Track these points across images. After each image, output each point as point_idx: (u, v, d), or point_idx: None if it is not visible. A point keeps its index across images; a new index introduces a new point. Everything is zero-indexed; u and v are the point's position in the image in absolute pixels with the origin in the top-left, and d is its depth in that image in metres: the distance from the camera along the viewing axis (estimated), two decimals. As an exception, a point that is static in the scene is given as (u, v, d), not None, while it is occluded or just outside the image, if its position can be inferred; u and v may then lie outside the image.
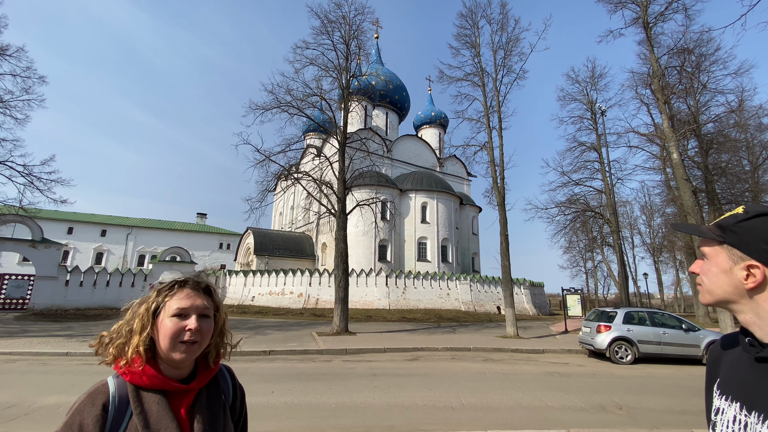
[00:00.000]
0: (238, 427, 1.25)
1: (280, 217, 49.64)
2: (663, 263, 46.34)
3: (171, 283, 1.12)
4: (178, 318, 1.06)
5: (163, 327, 1.06)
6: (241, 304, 26.76)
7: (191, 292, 1.11)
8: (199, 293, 1.12)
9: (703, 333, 10.96)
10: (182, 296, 1.09)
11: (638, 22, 17.75)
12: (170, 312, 1.06)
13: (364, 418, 5.57)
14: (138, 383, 1.03)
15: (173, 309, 1.06)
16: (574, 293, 20.61)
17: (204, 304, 1.11)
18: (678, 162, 16.80)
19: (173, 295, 1.09)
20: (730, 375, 0.89)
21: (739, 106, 21.96)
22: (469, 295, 27.90)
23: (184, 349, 1.05)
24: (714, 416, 0.89)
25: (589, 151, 25.69)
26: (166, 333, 1.05)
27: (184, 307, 1.07)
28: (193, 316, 1.08)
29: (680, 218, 23.14)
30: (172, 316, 1.06)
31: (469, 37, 19.55)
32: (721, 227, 0.88)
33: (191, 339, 1.05)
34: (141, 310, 1.08)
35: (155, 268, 25.87)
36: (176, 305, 1.07)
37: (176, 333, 1.05)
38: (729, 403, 0.85)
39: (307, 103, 18.09)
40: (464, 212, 39.86)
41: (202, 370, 1.14)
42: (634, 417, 5.86)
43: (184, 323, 1.06)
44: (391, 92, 41.64)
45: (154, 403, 1.02)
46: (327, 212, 17.91)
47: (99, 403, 0.99)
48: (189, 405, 1.08)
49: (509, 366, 10.09)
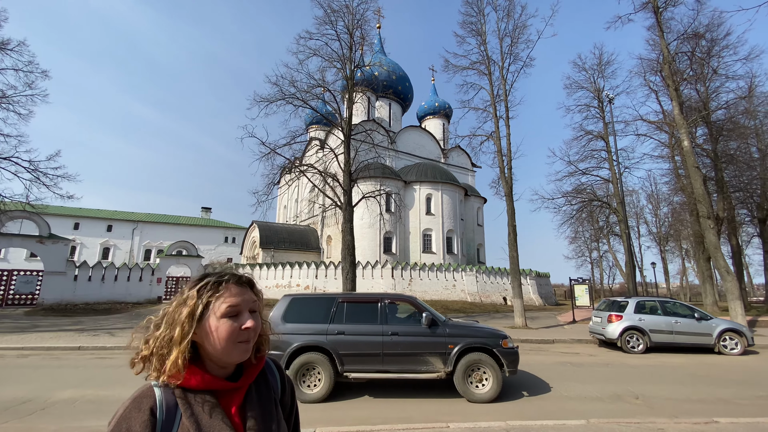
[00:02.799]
0: (290, 422, 1.18)
1: (284, 210, 49.68)
2: (669, 252, 46.11)
3: (213, 280, 1.02)
4: (231, 318, 0.98)
5: (218, 330, 0.97)
6: (247, 297, 26.82)
7: (238, 287, 1.02)
8: (244, 286, 1.04)
9: (715, 322, 10.88)
10: (229, 293, 1.00)
11: (648, 6, 17.34)
12: (221, 312, 0.97)
13: (380, 411, 5.56)
14: (185, 385, 0.96)
15: (224, 309, 0.97)
16: (582, 283, 20.55)
17: (254, 299, 1.04)
18: (689, 150, 16.54)
19: (219, 294, 1.00)
20: None
21: (749, 92, 21.53)
22: (475, 286, 27.89)
23: (243, 349, 0.98)
24: None
25: (596, 140, 25.31)
26: (222, 336, 0.96)
27: (236, 304, 0.99)
28: (247, 312, 1.00)
29: (690, 207, 22.91)
30: (224, 317, 0.97)
31: (474, 25, 19.24)
32: None
33: (247, 338, 0.99)
34: (183, 316, 0.96)
35: (162, 263, 25.99)
36: (227, 303, 0.98)
37: (233, 334, 0.97)
38: None
39: (311, 95, 17.93)
40: (469, 203, 39.67)
41: (248, 366, 1.07)
42: (652, 406, 5.82)
43: (239, 322, 0.98)
44: (394, 83, 41.20)
45: (204, 404, 0.95)
46: (333, 205, 17.86)
47: (146, 408, 0.91)
48: (239, 403, 1.01)
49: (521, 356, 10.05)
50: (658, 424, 4.71)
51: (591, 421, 4.87)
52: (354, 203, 17.20)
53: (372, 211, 25.54)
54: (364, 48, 19.80)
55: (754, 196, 24.21)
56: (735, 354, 10.33)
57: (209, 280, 1.02)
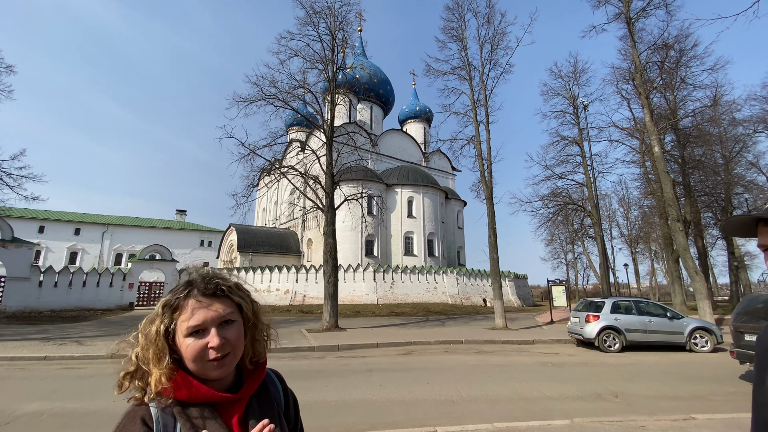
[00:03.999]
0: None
1: (263, 213, 48.82)
2: (639, 254, 48.06)
3: (173, 296, 0.92)
4: (196, 336, 0.89)
5: (183, 349, 0.89)
6: (225, 302, 26.14)
7: (200, 301, 0.91)
8: (213, 298, 0.93)
9: (686, 320, 11.33)
10: (189, 311, 0.90)
11: (621, 17, 18.07)
12: (183, 332, 0.89)
13: (366, 416, 5.46)
14: (181, 399, 0.87)
15: (185, 329, 0.89)
16: (559, 285, 21.05)
17: (220, 313, 0.91)
18: (659, 155, 17.26)
19: (180, 311, 0.90)
20: None
21: (714, 101, 22.72)
22: (455, 288, 28.14)
23: (215, 366, 0.89)
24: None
25: (571, 145, 26.11)
26: (188, 356, 0.88)
27: (196, 324, 0.89)
28: (213, 330, 0.89)
29: (659, 210, 23.88)
30: (188, 336, 0.89)
31: (455, 31, 19.51)
32: None
33: (218, 356, 0.89)
34: (152, 333, 0.89)
35: (134, 267, 25.01)
36: (185, 325, 0.89)
37: (199, 354, 0.88)
38: None
39: (292, 96, 17.68)
40: (449, 206, 40.10)
41: (248, 375, 0.99)
42: (631, 404, 5.96)
43: (203, 341, 0.88)
44: (375, 86, 41.31)
45: (203, 417, 0.87)
46: (314, 207, 17.63)
47: (139, 420, 0.83)
48: (240, 416, 0.93)
49: (502, 357, 10.18)
50: (639, 422, 4.81)
51: (575, 420, 4.93)
52: (336, 206, 17.04)
53: (354, 214, 25.40)
54: (346, 50, 19.73)
55: (719, 200, 25.53)
56: (705, 352, 10.79)
57: (169, 299, 0.93)
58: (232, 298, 0.96)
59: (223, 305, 0.93)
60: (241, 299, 0.98)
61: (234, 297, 0.97)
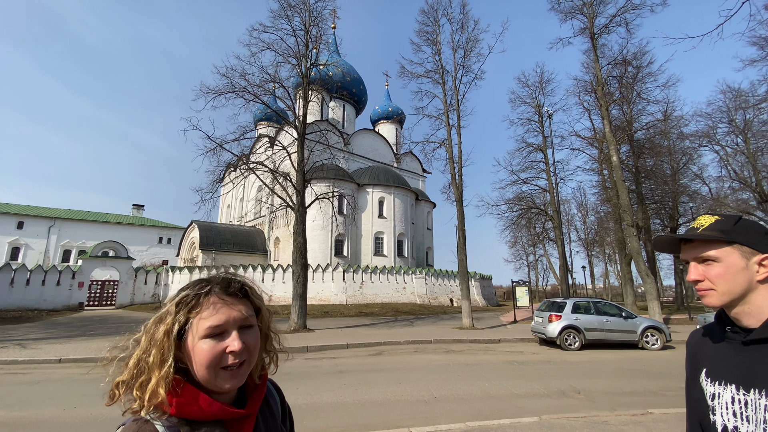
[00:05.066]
0: None
1: (228, 210, 47.15)
2: (594, 257, 51.01)
3: (193, 292, 0.83)
4: (214, 339, 0.79)
5: (197, 353, 0.78)
6: (186, 302, 25.00)
7: (223, 300, 0.82)
8: (235, 298, 0.84)
9: (639, 320, 12.08)
10: (212, 309, 0.80)
11: (585, 32, 19.05)
12: (201, 333, 0.79)
13: (338, 418, 5.36)
14: (191, 416, 0.76)
15: (204, 329, 0.79)
16: (523, 285, 21.82)
17: (243, 314, 0.83)
18: (617, 164, 18.33)
19: (200, 309, 0.81)
20: (718, 362, 0.99)
21: (665, 116, 24.47)
22: (424, 289, 28.48)
23: (230, 376, 0.79)
24: (711, 401, 0.97)
25: (536, 152, 27.19)
26: (202, 361, 0.78)
27: (218, 324, 0.79)
28: (234, 332, 0.80)
29: (614, 216, 25.38)
30: (205, 338, 0.79)
31: (430, 34, 19.74)
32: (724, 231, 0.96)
33: (236, 362, 0.79)
34: (159, 334, 0.79)
35: (85, 265, 23.32)
36: (207, 323, 0.79)
37: (216, 359, 0.78)
38: (723, 387, 0.94)
39: (263, 90, 17.19)
40: (419, 207, 40.56)
41: (251, 389, 0.90)
42: (593, 400, 6.25)
43: (223, 344, 0.79)
44: (348, 85, 41.04)
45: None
46: (284, 205, 17.23)
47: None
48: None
49: (470, 356, 10.38)
50: (602, 417, 5.04)
51: (543, 417, 5.08)
52: (307, 204, 16.72)
53: (325, 213, 25.09)
54: (320, 47, 19.46)
55: (667, 208, 27.51)
56: (655, 349, 11.55)
57: (188, 294, 0.82)
58: (254, 301, 0.88)
59: (245, 306, 0.84)
60: (260, 303, 0.89)
61: (255, 300, 0.88)
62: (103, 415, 5.32)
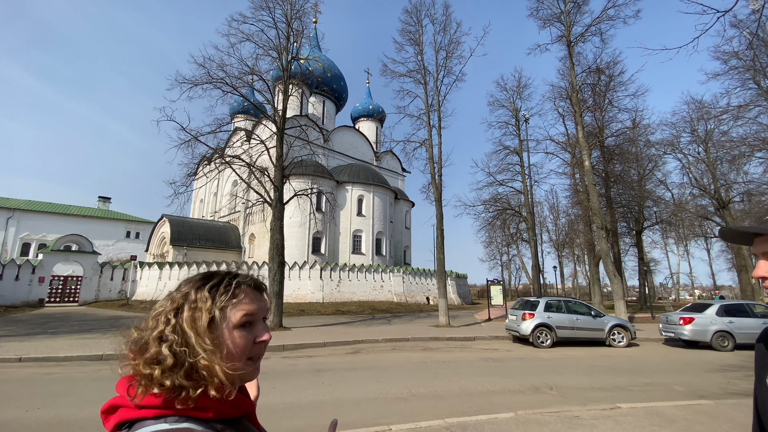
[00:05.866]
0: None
1: (201, 204, 45.72)
2: (565, 257, 52.87)
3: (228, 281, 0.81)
4: (244, 329, 0.79)
5: (230, 343, 0.77)
6: (155, 299, 24.08)
7: (252, 292, 0.83)
8: (259, 293, 0.85)
9: (607, 318, 12.62)
10: (248, 299, 0.81)
11: (562, 40, 19.65)
12: (236, 321, 0.78)
13: (317, 417, 5.32)
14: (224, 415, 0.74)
15: (239, 317, 0.78)
16: (497, 284, 22.32)
17: (267, 306, 0.86)
18: (589, 169, 19.04)
19: (235, 299, 0.80)
20: None
21: (634, 124, 25.63)
22: (401, 287, 28.65)
23: (253, 368, 0.81)
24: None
25: (512, 154, 27.90)
26: (235, 351, 0.77)
27: (253, 312, 0.80)
28: (261, 324, 0.82)
29: (585, 218, 26.35)
30: (237, 328, 0.78)
31: (413, 34, 19.81)
32: None
33: (260, 354, 0.82)
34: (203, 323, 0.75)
35: (46, 259, 22.06)
36: (243, 311, 0.79)
37: (246, 349, 0.78)
38: None
39: (242, 82, 16.76)
40: (398, 206, 40.71)
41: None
42: (565, 395, 6.48)
43: (252, 335, 0.80)
44: (329, 80, 40.62)
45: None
46: (260, 201, 16.86)
47: None
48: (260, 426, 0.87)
49: (447, 354, 10.54)
50: (574, 412, 5.24)
51: (518, 413, 5.22)
52: (286, 200, 16.46)
53: (303, 210, 24.77)
54: (301, 41, 19.14)
55: (633, 212, 28.83)
56: (621, 346, 12.09)
57: (223, 281, 0.81)
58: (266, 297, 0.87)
59: (266, 302, 0.86)
60: (269, 300, 0.89)
61: (267, 296, 0.88)
62: (69, 417, 5.06)
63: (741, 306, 12.32)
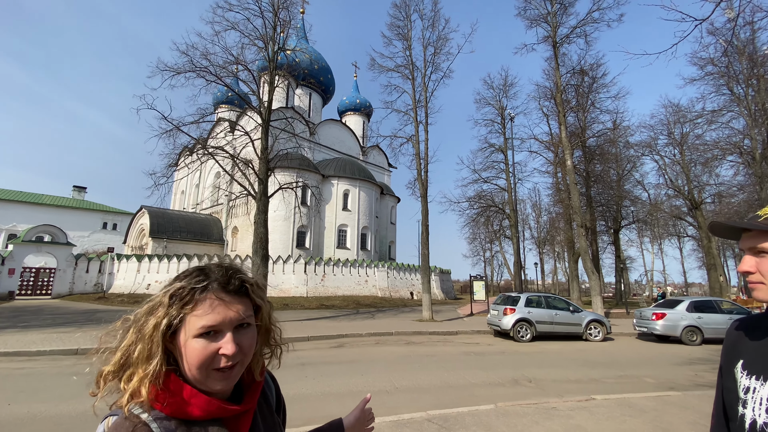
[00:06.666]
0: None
1: (182, 196, 44.72)
2: (545, 254, 54.09)
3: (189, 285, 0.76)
4: (207, 338, 0.74)
5: (188, 352, 0.73)
6: (133, 293, 23.52)
7: (220, 298, 0.76)
8: (233, 296, 0.78)
9: (584, 314, 13.01)
10: (207, 307, 0.74)
11: (548, 40, 19.94)
12: (193, 331, 0.73)
13: (300, 411, 5.32)
14: (188, 416, 0.72)
15: (197, 328, 0.73)
16: (480, 280, 22.66)
17: (240, 315, 0.77)
18: (570, 168, 19.47)
19: (194, 305, 0.75)
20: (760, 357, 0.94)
21: (614, 125, 26.29)
22: (386, 282, 28.79)
23: (222, 377, 0.75)
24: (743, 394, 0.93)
25: (497, 152, 28.19)
26: (193, 361, 0.73)
27: (213, 324, 0.74)
28: (228, 333, 0.75)
29: (565, 216, 26.98)
30: (198, 337, 0.73)
31: (401, 29, 19.77)
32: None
33: (228, 364, 0.75)
34: (148, 327, 0.73)
35: (16, 250, 21.21)
36: (201, 323, 0.73)
37: (207, 360, 0.73)
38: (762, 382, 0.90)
39: (226, 71, 16.41)
40: (384, 202, 40.77)
41: (249, 383, 0.85)
42: (542, 388, 6.68)
43: (216, 345, 0.74)
44: (316, 73, 40.13)
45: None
46: (244, 193, 16.62)
47: None
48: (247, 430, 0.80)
49: (430, 348, 10.68)
50: (551, 403, 5.41)
51: (499, 405, 5.36)
52: (270, 194, 16.26)
53: (288, 204, 24.56)
54: (288, 31, 18.83)
55: (611, 211, 29.66)
56: (597, 340, 12.51)
57: (183, 286, 0.76)
58: (253, 299, 0.82)
59: (243, 306, 0.78)
60: (261, 300, 0.83)
61: (255, 297, 0.82)
62: (43, 412, 4.92)
63: (710, 302, 12.89)
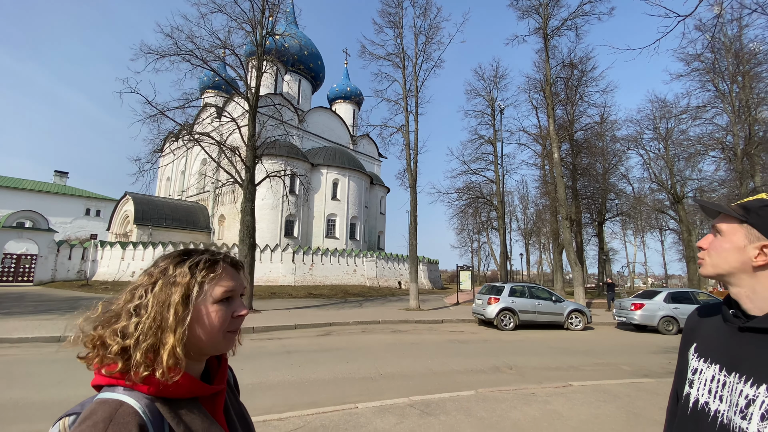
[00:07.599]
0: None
1: (168, 183, 43.92)
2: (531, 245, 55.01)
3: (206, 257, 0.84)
4: (223, 304, 0.82)
5: (212, 316, 0.80)
6: (117, 280, 23.20)
7: (231, 269, 0.86)
8: (238, 270, 0.89)
9: (566, 304, 13.35)
10: (227, 275, 0.84)
11: (539, 32, 19.95)
12: (216, 297, 0.81)
13: (285, 397, 5.40)
14: (169, 395, 0.74)
15: (219, 292, 0.81)
16: (467, 270, 22.99)
17: (244, 285, 0.89)
18: (557, 161, 19.72)
19: (215, 274, 0.83)
20: (709, 340, 0.99)
21: (602, 119, 26.60)
22: (374, 271, 28.96)
23: (232, 338, 0.85)
24: (691, 375, 0.99)
25: (486, 144, 28.35)
26: (214, 325, 0.80)
27: (232, 288, 0.83)
28: (239, 299, 0.87)
29: (551, 209, 27.40)
30: (216, 302, 0.81)
31: (393, 16, 19.50)
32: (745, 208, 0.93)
33: (237, 327, 0.85)
34: (176, 297, 0.77)
35: (-5, 236, 20.65)
36: (224, 287, 0.82)
37: (225, 323, 0.82)
38: (708, 364, 0.95)
39: (213, 56, 16.00)
40: (374, 192, 40.71)
41: (215, 365, 0.91)
42: (523, 375, 6.89)
43: (230, 309, 0.83)
44: (306, 59, 39.41)
45: (195, 417, 0.76)
46: (230, 181, 16.40)
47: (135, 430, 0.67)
48: (222, 409, 0.85)
49: (416, 336, 10.86)
50: (530, 390, 5.60)
51: (479, 391, 5.52)
52: (258, 182, 16.09)
53: (275, 192, 24.33)
54: (277, 15, 18.39)
55: (596, 203, 30.23)
56: (578, 330, 12.88)
57: (203, 258, 0.84)
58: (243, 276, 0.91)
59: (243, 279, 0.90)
60: (246, 281, 0.92)
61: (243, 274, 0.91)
62: (25, 399, 4.89)
63: (686, 294, 13.36)
